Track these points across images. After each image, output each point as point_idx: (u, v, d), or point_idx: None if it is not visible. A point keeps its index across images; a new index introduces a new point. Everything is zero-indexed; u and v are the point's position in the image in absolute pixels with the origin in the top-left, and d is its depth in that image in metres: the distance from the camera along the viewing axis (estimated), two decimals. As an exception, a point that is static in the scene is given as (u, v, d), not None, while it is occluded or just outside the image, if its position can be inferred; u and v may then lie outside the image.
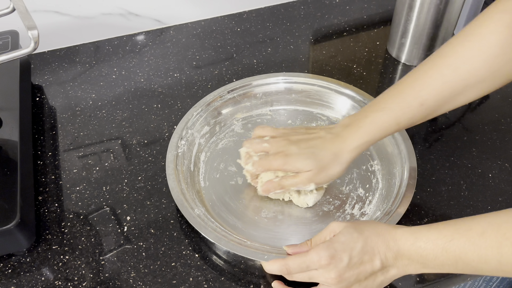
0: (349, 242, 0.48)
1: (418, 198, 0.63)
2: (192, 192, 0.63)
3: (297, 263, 0.50)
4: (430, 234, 0.46)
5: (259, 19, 0.94)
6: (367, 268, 0.48)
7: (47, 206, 0.64)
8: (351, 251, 0.48)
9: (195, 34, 0.91)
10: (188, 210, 0.58)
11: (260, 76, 0.75)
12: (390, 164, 0.65)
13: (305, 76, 0.75)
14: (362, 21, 0.93)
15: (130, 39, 0.90)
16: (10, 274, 0.57)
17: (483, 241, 0.42)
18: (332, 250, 0.48)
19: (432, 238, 0.45)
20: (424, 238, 0.46)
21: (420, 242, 0.46)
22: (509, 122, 0.74)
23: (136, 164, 0.68)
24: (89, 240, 0.60)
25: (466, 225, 0.44)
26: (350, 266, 0.48)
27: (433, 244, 0.45)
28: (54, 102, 0.78)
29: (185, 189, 0.61)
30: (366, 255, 0.48)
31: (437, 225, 0.47)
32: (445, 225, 0.46)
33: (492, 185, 0.65)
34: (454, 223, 0.46)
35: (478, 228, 0.43)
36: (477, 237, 0.43)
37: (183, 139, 0.67)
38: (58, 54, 0.87)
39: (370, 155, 0.68)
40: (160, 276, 0.56)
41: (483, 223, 0.43)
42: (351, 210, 0.62)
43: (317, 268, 0.49)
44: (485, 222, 0.43)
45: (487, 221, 0.43)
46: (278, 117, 0.75)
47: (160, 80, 0.81)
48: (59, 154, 0.70)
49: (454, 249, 0.44)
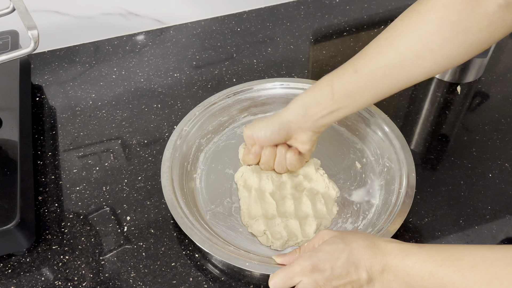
0: (334, 252, 0.48)
1: (418, 198, 0.63)
2: (186, 192, 0.63)
3: (280, 277, 0.50)
4: (421, 255, 0.45)
5: (259, 19, 0.94)
6: (353, 278, 0.47)
7: (47, 206, 0.64)
8: (335, 261, 0.47)
9: (195, 34, 0.91)
10: (176, 210, 0.58)
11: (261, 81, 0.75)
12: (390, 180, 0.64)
13: (305, 82, 0.74)
14: (362, 21, 0.93)
15: (130, 39, 0.90)
16: (10, 274, 0.57)
17: (473, 274, 0.42)
18: (315, 260, 0.48)
19: (421, 259, 0.45)
20: (413, 258, 0.45)
21: (408, 260, 0.45)
22: (509, 122, 0.74)
23: (136, 164, 0.68)
24: (89, 240, 0.60)
25: (459, 254, 0.43)
26: (334, 277, 0.47)
27: (421, 265, 0.44)
28: (54, 102, 0.78)
29: (178, 188, 0.61)
30: (352, 267, 0.47)
31: (429, 247, 0.46)
32: (437, 249, 0.45)
33: (492, 185, 0.65)
34: (447, 249, 0.45)
35: (470, 260, 0.42)
36: (467, 269, 0.42)
37: (182, 138, 0.67)
38: (58, 54, 0.87)
39: (372, 169, 0.67)
40: (160, 276, 0.56)
41: (475, 255, 0.43)
42: (344, 224, 0.61)
43: (301, 278, 0.48)
44: (478, 255, 0.42)
45: (480, 255, 0.42)
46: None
47: (160, 80, 0.81)
48: (59, 154, 0.70)
49: (442, 275, 0.43)
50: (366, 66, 0.54)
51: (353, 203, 0.63)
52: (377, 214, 0.61)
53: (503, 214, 0.62)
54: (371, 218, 0.61)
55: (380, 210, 0.61)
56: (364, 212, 0.62)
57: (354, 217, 0.62)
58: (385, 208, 0.60)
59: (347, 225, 0.61)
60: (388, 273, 0.47)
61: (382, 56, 0.53)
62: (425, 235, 0.60)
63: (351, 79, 0.55)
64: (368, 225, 0.60)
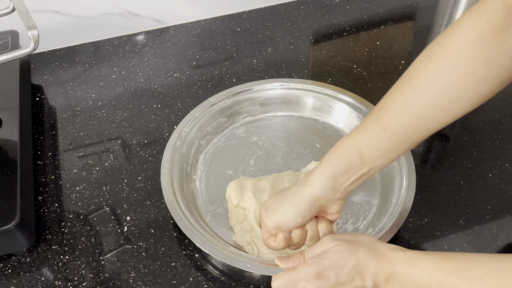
0: (339, 261, 0.47)
1: (418, 198, 0.63)
2: (186, 193, 0.63)
3: (284, 280, 0.49)
4: (427, 264, 0.45)
5: (259, 19, 0.94)
6: (358, 285, 0.47)
7: (47, 206, 0.64)
8: (340, 270, 0.47)
9: (195, 34, 0.91)
10: (177, 212, 0.58)
11: (261, 81, 0.75)
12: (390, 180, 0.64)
13: (305, 82, 0.75)
14: (362, 21, 0.93)
15: (130, 39, 0.90)
16: (10, 274, 0.57)
17: (482, 285, 0.41)
18: (320, 267, 0.47)
19: (428, 269, 0.44)
20: (420, 267, 0.45)
21: (415, 269, 0.45)
22: (509, 122, 0.74)
23: (136, 164, 0.68)
24: (89, 240, 0.60)
25: (466, 264, 0.43)
26: (339, 284, 0.47)
27: (428, 275, 0.44)
28: (54, 102, 0.78)
29: (178, 190, 0.61)
30: (358, 275, 0.47)
31: (436, 255, 0.45)
32: (444, 258, 0.45)
33: (492, 185, 0.65)
34: (454, 258, 0.44)
35: (477, 270, 0.42)
36: (475, 279, 0.42)
37: (182, 140, 0.67)
38: (58, 54, 0.87)
39: None
40: (160, 276, 0.56)
41: (483, 266, 0.42)
42: (344, 225, 0.61)
43: (305, 285, 0.48)
44: (485, 265, 0.42)
45: (488, 265, 0.42)
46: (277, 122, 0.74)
47: (160, 80, 0.81)
48: (59, 154, 0.70)
49: (450, 285, 0.43)
50: (395, 123, 0.49)
51: (354, 203, 0.63)
52: (377, 214, 0.61)
53: (503, 214, 0.62)
54: (371, 218, 0.61)
55: (380, 210, 0.61)
56: (364, 212, 0.62)
57: (354, 218, 0.62)
58: (386, 208, 0.60)
59: (347, 225, 0.61)
60: (394, 282, 0.46)
61: (412, 109, 0.48)
62: (425, 235, 0.60)
63: (380, 139, 0.50)
64: (368, 226, 0.60)
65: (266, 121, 0.74)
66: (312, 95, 0.74)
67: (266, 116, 0.74)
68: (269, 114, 0.74)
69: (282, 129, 0.73)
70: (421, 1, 0.96)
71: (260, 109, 0.74)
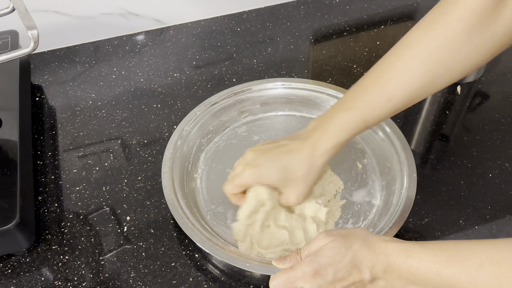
0: (335, 256, 0.47)
1: (418, 198, 0.63)
2: (187, 192, 0.63)
3: (282, 280, 0.49)
4: (424, 255, 0.45)
5: (259, 19, 0.94)
6: (356, 279, 0.47)
7: (47, 206, 0.63)
8: (337, 265, 0.47)
9: (195, 34, 0.91)
10: (177, 210, 0.58)
11: (262, 81, 0.75)
12: (391, 181, 0.64)
13: (305, 81, 0.75)
14: (362, 21, 0.93)
15: (130, 39, 0.90)
16: (10, 274, 0.57)
17: (480, 274, 0.41)
18: (316, 265, 0.47)
19: (425, 260, 0.44)
20: (417, 258, 0.45)
21: (412, 261, 0.45)
22: (509, 122, 0.74)
23: (136, 164, 0.68)
24: (89, 240, 0.60)
25: (463, 254, 0.43)
26: (336, 280, 0.47)
27: (426, 266, 0.44)
28: (54, 102, 0.78)
29: (179, 189, 0.61)
30: (355, 269, 0.47)
31: (431, 245, 0.45)
32: (440, 248, 0.45)
33: (492, 185, 0.65)
34: (451, 248, 0.44)
35: (475, 260, 0.42)
36: (474, 269, 0.42)
37: (183, 138, 0.67)
38: (58, 54, 0.87)
39: (373, 169, 0.67)
40: (160, 276, 0.56)
41: (481, 255, 0.42)
42: (345, 225, 0.61)
43: (303, 284, 0.48)
44: (483, 254, 0.42)
45: (486, 254, 0.42)
46: (278, 122, 0.74)
47: (160, 80, 0.81)
48: (59, 154, 0.70)
49: (448, 276, 0.43)
50: (399, 93, 0.51)
51: (354, 203, 0.63)
52: (378, 214, 0.61)
53: (503, 214, 0.62)
54: (372, 218, 0.61)
55: (381, 210, 0.61)
56: (365, 212, 0.62)
57: (355, 218, 0.62)
58: (386, 208, 0.60)
59: (348, 225, 0.61)
60: (391, 273, 0.46)
61: (414, 78, 0.50)
62: (425, 235, 0.60)
63: (386, 109, 0.53)
64: (369, 226, 0.60)
65: (268, 121, 0.74)
66: (314, 95, 0.74)
67: (267, 115, 0.75)
68: (270, 113, 0.75)
69: (283, 129, 0.73)
70: (421, 1, 0.96)
71: (261, 108, 0.74)
